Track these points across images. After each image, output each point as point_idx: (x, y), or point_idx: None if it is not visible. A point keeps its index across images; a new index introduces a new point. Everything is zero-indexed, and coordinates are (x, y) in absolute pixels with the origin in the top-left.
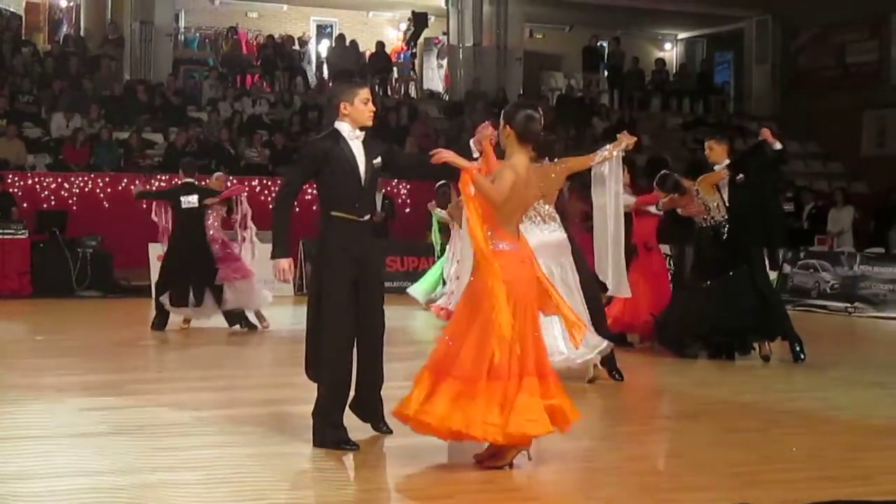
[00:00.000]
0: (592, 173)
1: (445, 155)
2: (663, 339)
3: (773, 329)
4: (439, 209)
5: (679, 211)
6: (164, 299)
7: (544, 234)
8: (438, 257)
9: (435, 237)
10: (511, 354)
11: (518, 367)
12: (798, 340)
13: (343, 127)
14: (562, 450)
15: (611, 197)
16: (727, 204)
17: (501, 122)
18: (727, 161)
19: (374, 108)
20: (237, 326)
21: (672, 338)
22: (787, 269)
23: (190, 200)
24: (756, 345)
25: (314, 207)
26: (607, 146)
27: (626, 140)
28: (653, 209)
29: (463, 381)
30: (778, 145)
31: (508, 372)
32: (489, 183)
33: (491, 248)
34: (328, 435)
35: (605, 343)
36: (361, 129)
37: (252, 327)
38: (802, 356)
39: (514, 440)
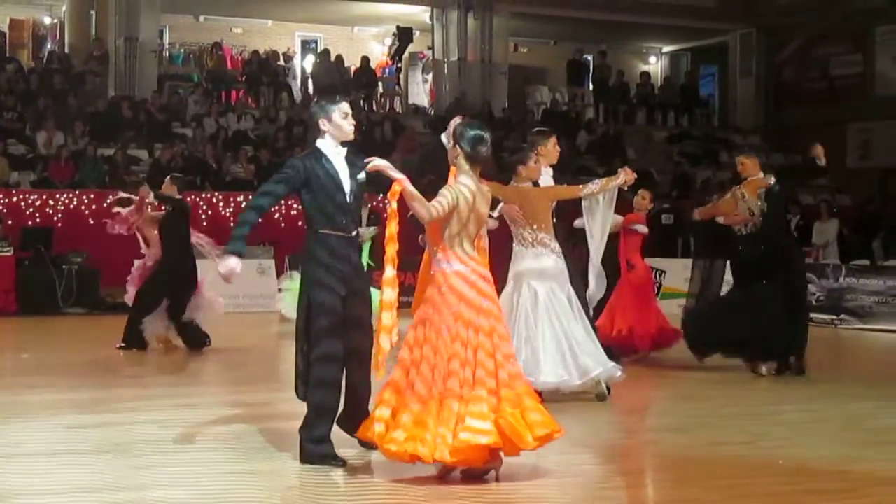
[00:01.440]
0: (583, 205)
1: (379, 164)
2: (687, 338)
3: (790, 350)
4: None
5: (720, 219)
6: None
7: (532, 261)
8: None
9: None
10: (464, 371)
11: (469, 385)
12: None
13: (325, 144)
14: (550, 463)
15: (600, 228)
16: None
17: (451, 140)
18: (760, 174)
19: (354, 122)
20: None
21: (694, 339)
22: None
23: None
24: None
25: (300, 223)
26: (598, 180)
27: (625, 176)
28: (640, 227)
29: (419, 402)
30: (823, 161)
31: (460, 392)
32: (420, 198)
33: (438, 267)
34: (315, 451)
35: (600, 369)
36: (343, 144)
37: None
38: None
39: (464, 454)
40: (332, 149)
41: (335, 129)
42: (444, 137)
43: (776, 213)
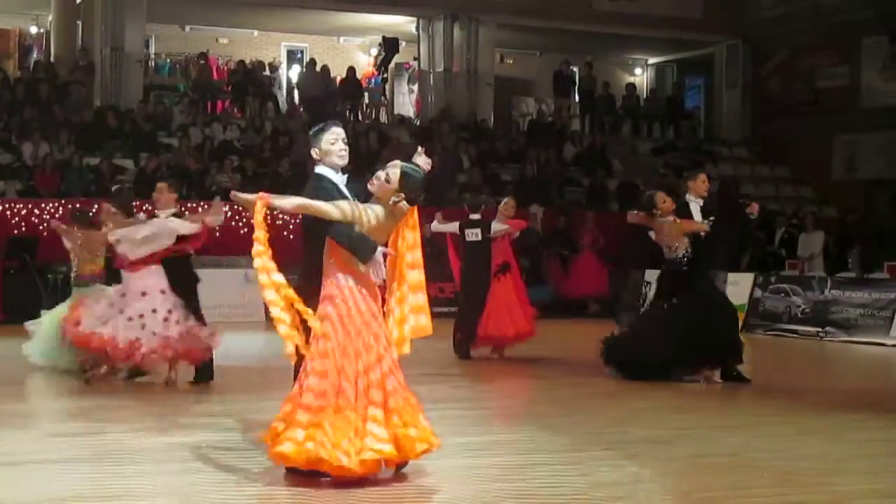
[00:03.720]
0: None
1: (239, 197)
2: (607, 359)
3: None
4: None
5: (651, 234)
6: None
7: None
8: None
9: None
10: (357, 384)
11: (365, 398)
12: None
13: (325, 171)
14: (531, 473)
15: None
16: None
17: (397, 183)
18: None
19: (343, 148)
20: None
21: (616, 359)
22: (758, 293)
23: None
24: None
25: (285, 233)
26: None
27: None
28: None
29: (311, 411)
30: (755, 215)
31: (356, 402)
32: (297, 200)
33: (332, 283)
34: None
35: None
36: (343, 170)
37: None
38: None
39: (368, 467)
40: (334, 176)
41: (326, 157)
42: (382, 175)
43: (706, 253)
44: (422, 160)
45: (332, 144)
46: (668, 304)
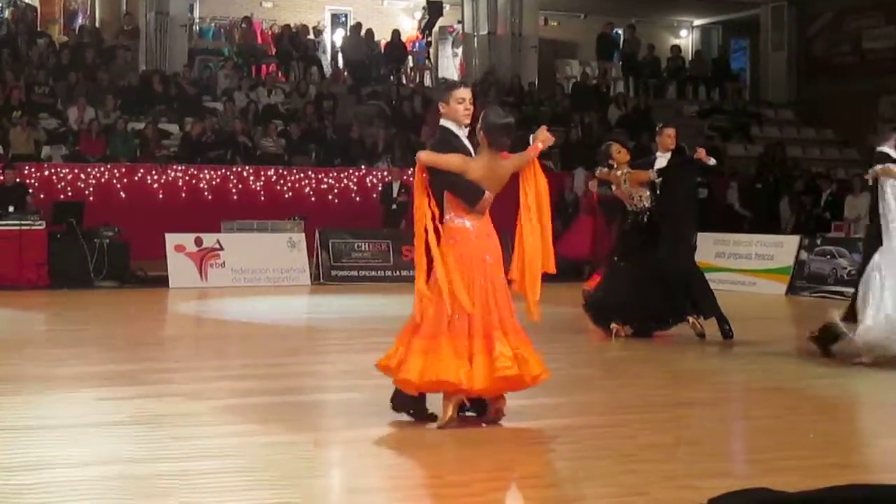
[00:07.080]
0: None
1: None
2: (589, 315)
3: (699, 307)
4: None
5: (612, 189)
6: None
7: None
8: None
9: None
10: (472, 316)
11: (483, 326)
12: (725, 319)
13: (450, 125)
14: (578, 436)
15: None
16: (658, 193)
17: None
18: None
19: (469, 108)
20: None
21: (594, 313)
22: (804, 255)
23: None
24: (691, 322)
25: (329, 197)
26: None
27: None
28: None
29: (427, 338)
30: (712, 161)
31: (470, 331)
32: (441, 156)
33: (450, 223)
34: (405, 400)
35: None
36: (465, 126)
37: None
38: (731, 334)
39: (496, 385)
40: (457, 130)
41: (451, 114)
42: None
43: (666, 201)
44: (542, 135)
45: (460, 104)
46: (632, 260)
